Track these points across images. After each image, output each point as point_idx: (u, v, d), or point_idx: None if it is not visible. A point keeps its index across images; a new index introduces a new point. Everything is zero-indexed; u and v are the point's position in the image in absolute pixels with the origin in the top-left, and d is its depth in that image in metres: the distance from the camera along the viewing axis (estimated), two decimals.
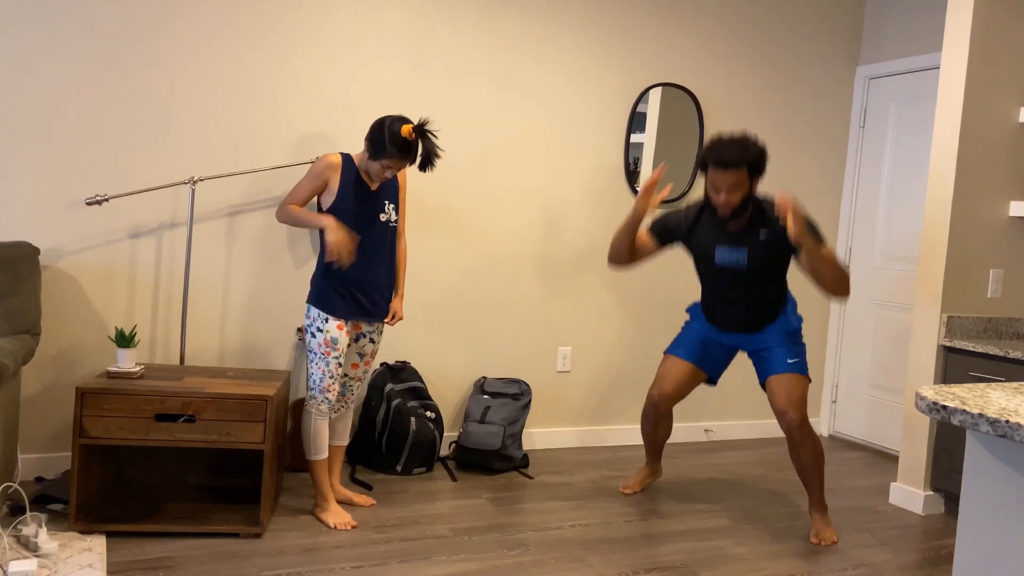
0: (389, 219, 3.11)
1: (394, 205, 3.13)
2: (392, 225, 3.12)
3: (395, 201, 3.14)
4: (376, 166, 3.01)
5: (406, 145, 2.96)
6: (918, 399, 1.71)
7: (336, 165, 3.05)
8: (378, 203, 3.09)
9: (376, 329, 3.24)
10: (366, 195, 3.07)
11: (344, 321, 3.09)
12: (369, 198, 3.07)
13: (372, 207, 3.07)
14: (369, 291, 3.11)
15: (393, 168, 3.00)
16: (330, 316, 3.06)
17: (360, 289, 3.09)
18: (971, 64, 3.66)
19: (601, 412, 4.57)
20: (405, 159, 2.98)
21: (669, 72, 4.55)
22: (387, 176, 3.03)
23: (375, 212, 3.07)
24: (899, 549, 3.33)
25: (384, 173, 3.02)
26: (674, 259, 4.65)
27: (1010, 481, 1.64)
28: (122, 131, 3.48)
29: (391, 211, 3.12)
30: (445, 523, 3.26)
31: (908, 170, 4.75)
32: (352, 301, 3.09)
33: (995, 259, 3.84)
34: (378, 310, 3.16)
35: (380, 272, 3.11)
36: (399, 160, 2.98)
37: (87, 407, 2.85)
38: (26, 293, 3.10)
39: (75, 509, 2.86)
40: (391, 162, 2.98)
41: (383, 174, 3.02)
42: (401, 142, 2.94)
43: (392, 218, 3.12)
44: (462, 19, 4.04)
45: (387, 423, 3.79)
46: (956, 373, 3.70)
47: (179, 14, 3.52)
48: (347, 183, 3.05)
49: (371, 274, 3.09)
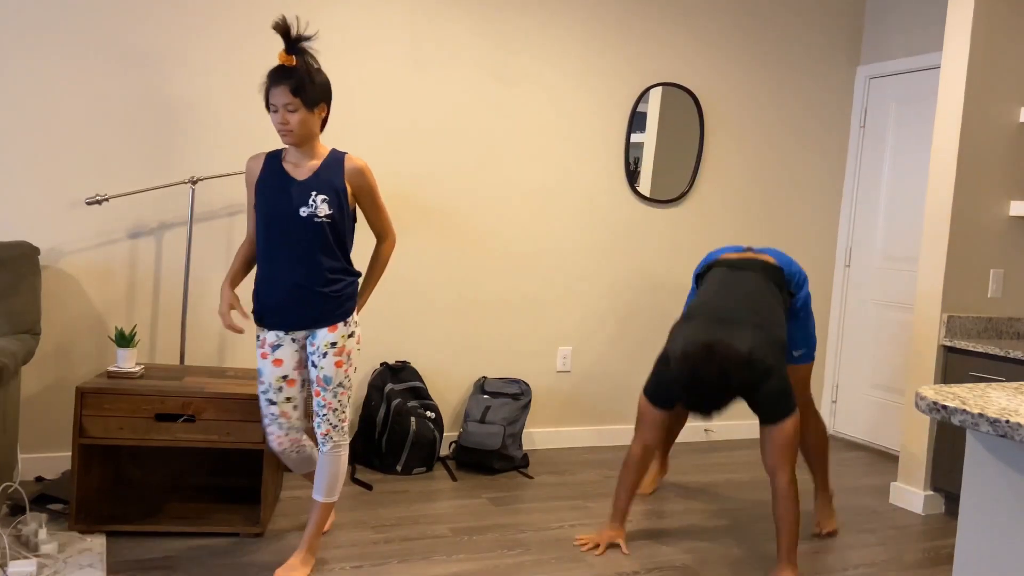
0: (314, 214, 2.59)
1: (328, 199, 2.61)
2: (318, 220, 2.59)
3: (330, 194, 2.61)
4: (273, 119, 2.56)
5: (274, 70, 2.53)
6: (918, 399, 1.71)
7: (255, 164, 2.69)
8: (301, 196, 2.60)
9: (317, 349, 2.66)
10: (286, 187, 2.61)
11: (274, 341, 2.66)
12: (289, 190, 2.61)
13: (291, 200, 2.60)
14: (278, 295, 2.62)
15: (278, 103, 2.51)
16: (261, 333, 2.68)
17: (269, 294, 2.64)
18: (971, 64, 3.66)
19: (601, 412, 4.57)
20: (278, 82, 2.50)
21: (669, 72, 4.55)
22: (287, 129, 2.54)
23: (295, 206, 2.59)
24: (899, 549, 3.33)
25: (280, 124, 2.54)
26: (674, 259, 4.65)
27: (1010, 481, 1.63)
28: (122, 131, 3.48)
29: (320, 205, 2.60)
30: (445, 523, 3.26)
31: (908, 170, 4.74)
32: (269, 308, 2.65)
33: (995, 259, 3.84)
34: (297, 318, 2.64)
35: (297, 273, 2.60)
36: (274, 86, 2.51)
37: (87, 407, 2.84)
38: (26, 293, 3.10)
39: (75, 509, 2.86)
40: (273, 96, 2.52)
41: (280, 125, 2.54)
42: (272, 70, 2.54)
43: (319, 213, 2.59)
44: (462, 18, 4.04)
45: (387, 423, 3.79)
46: (956, 373, 3.69)
47: (179, 14, 3.52)
48: (266, 176, 2.64)
49: (281, 275, 2.60)
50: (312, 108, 2.55)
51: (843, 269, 5.08)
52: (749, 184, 4.82)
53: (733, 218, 4.79)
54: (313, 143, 2.65)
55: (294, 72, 2.51)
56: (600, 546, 3.10)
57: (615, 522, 3.16)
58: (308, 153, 2.65)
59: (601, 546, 3.10)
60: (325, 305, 2.64)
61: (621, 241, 4.50)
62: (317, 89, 2.55)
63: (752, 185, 4.83)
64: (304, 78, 2.52)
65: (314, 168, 2.64)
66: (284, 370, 2.68)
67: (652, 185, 4.53)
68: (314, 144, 2.65)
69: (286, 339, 2.67)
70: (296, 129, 2.55)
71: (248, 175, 2.71)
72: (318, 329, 2.66)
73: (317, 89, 2.55)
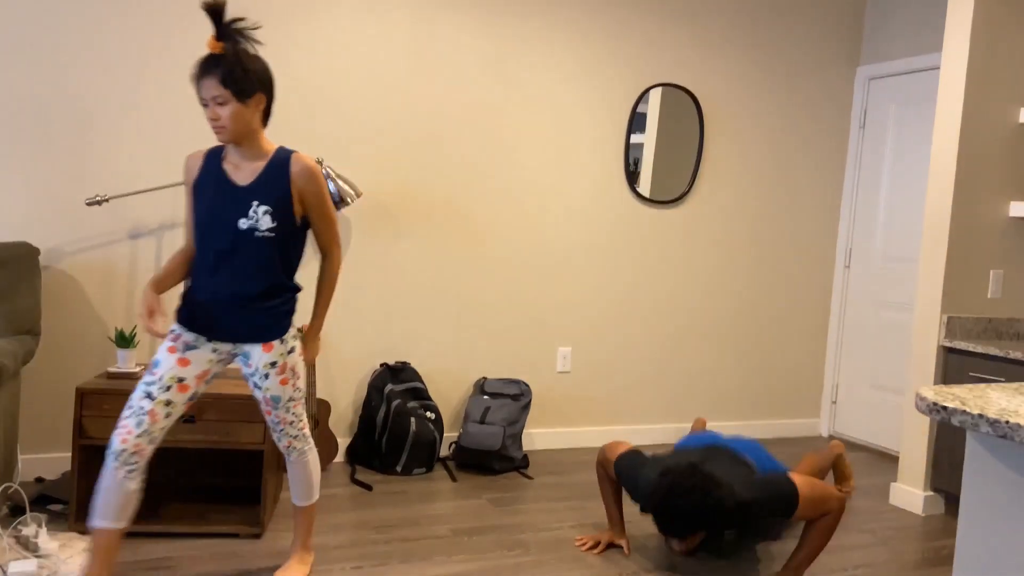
0: (255, 227, 2.32)
1: (271, 210, 2.33)
2: (259, 235, 2.32)
3: (274, 205, 2.33)
4: (207, 114, 2.27)
5: (201, 60, 2.25)
6: (918, 399, 1.71)
7: (193, 162, 2.39)
8: (241, 205, 2.32)
9: (256, 371, 2.42)
10: (225, 193, 2.34)
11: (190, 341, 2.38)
12: (228, 197, 2.33)
13: (230, 208, 2.32)
14: (211, 307, 2.37)
15: (207, 97, 2.24)
16: (179, 328, 2.40)
17: (201, 304, 2.38)
18: (971, 64, 3.66)
19: (601, 412, 4.56)
20: (205, 72, 2.23)
21: (669, 72, 4.55)
22: (219, 125, 2.26)
23: (234, 216, 2.32)
24: (899, 549, 3.33)
25: (211, 120, 2.27)
26: (674, 259, 4.65)
27: (1010, 481, 1.64)
28: (122, 131, 3.48)
29: (261, 217, 2.33)
30: (445, 523, 3.26)
31: (908, 170, 4.75)
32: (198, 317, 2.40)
33: (995, 259, 3.84)
34: (228, 331, 2.39)
35: (233, 288, 2.35)
36: (201, 78, 2.23)
37: (87, 407, 2.85)
38: (26, 293, 3.10)
39: (75, 509, 2.86)
40: (201, 89, 2.24)
41: (211, 121, 2.27)
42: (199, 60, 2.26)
43: (261, 226, 2.32)
44: (463, 20, 4.04)
45: (387, 423, 3.79)
46: (956, 373, 3.70)
47: (179, 14, 3.52)
48: (204, 177, 2.36)
49: (216, 288, 2.35)
50: (245, 100, 2.24)
51: (843, 269, 5.09)
52: (749, 185, 4.82)
53: (733, 218, 4.79)
54: (254, 140, 2.34)
55: (222, 60, 2.21)
56: (600, 545, 3.10)
57: (615, 527, 3.16)
58: (250, 152, 2.35)
59: (601, 545, 3.10)
60: (261, 321, 2.39)
61: (621, 242, 4.51)
62: (250, 78, 2.24)
63: (752, 186, 4.83)
64: (234, 66, 2.21)
65: (257, 171, 2.34)
66: (185, 373, 2.36)
67: (652, 186, 4.54)
68: (256, 141, 2.35)
69: (206, 345, 2.40)
70: (229, 125, 2.25)
71: (186, 175, 2.41)
72: (250, 347, 2.41)
73: (250, 78, 2.24)
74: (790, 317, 5.02)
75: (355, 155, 3.89)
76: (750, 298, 4.89)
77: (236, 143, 2.32)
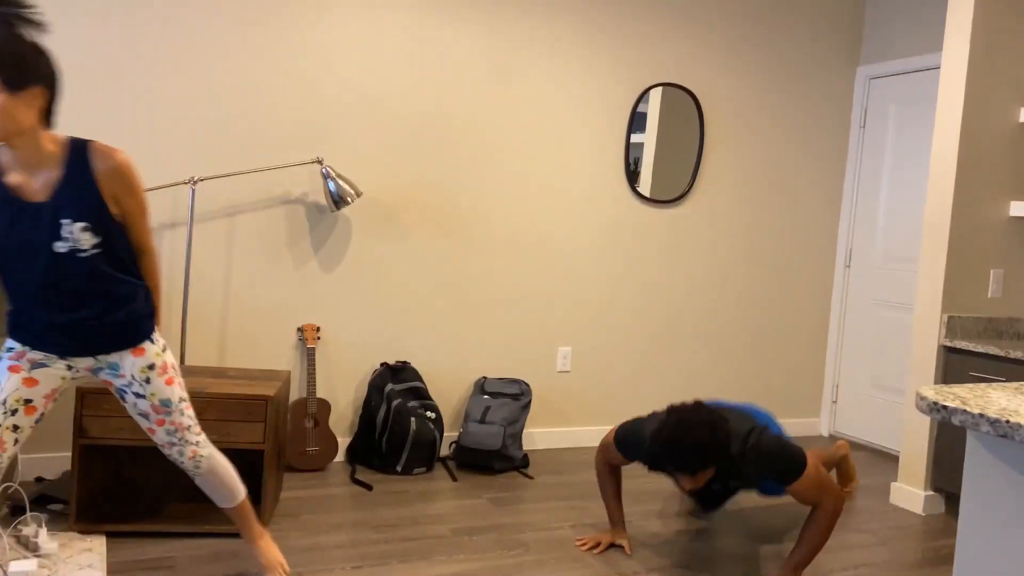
0: (76, 248, 2.01)
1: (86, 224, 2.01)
2: (84, 255, 2.02)
3: (84, 217, 2.01)
4: None
5: None
6: (918, 399, 1.71)
7: None
8: (47, 225, 1.99)
9: (133, 380, 2.22)
10: (22, 214, 1.99)
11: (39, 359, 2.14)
12: (27, 218, 1.99)
13: (35, 232, 1.99)
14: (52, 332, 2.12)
15: None
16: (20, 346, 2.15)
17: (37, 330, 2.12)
18: (971, 64, 3.66)
19: (601, 412, 4.56)
20: None
21: (669, 72, 4.55)
22: None
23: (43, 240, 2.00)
24: (899, 549, 3.33)
25: None
26: (674, 259, 4.65)
27: (1010, 481, 1.64)
28: (123, 131, 3.48)
29: (80, 235, 2.01)
30: (445, 523, 3.26)
31: (908, 170, 4.75)
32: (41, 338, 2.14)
33: (995, 259, 3.84)
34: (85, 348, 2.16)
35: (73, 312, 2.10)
36: None
37: (87, 407, 2.84)
38: None
39: (75, 509, 2.86)
40: None
41: None
42: None
43: (83, 245, 2.01)
44: (463, 19, 4.04)
45: (387, 423, 3.79)
46: (956, 373, 3.70)
47: (179, 14, 3.52)
48: None
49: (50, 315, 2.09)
50: (15, 91, 1.87)
51: (843, 269, 5.09)
52: (749, 184, 4.82)
53: (733, 218, 4.79)
54: (32, 141, 1.97)
55: None
56: (600, 544, 3.09)
57: (616, 527, 3.15)
58: (34, 157, 1.98)
59: (602, 545, 3.09)
60: (121, 329, 2.16)
61: (621, 241, 4.51)
62: (23, 66, 1.88)
63: (752, 185, 4.83)
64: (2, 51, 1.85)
65: (52, 181, 2.00)
66: (33, 393, 2.13)
67: (652, 185, 4.53)
68: (35, 142, 1.97)
69: (59, 363, 2.15)
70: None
71: None
72: (118, 355, 2.19)
73: (23, 66, 1.88)
74: (791, 317, 5.02)
75: (355, 155, 3.89)
76: (750, 298, 4.89)
77: (8, 143, 1.95)
